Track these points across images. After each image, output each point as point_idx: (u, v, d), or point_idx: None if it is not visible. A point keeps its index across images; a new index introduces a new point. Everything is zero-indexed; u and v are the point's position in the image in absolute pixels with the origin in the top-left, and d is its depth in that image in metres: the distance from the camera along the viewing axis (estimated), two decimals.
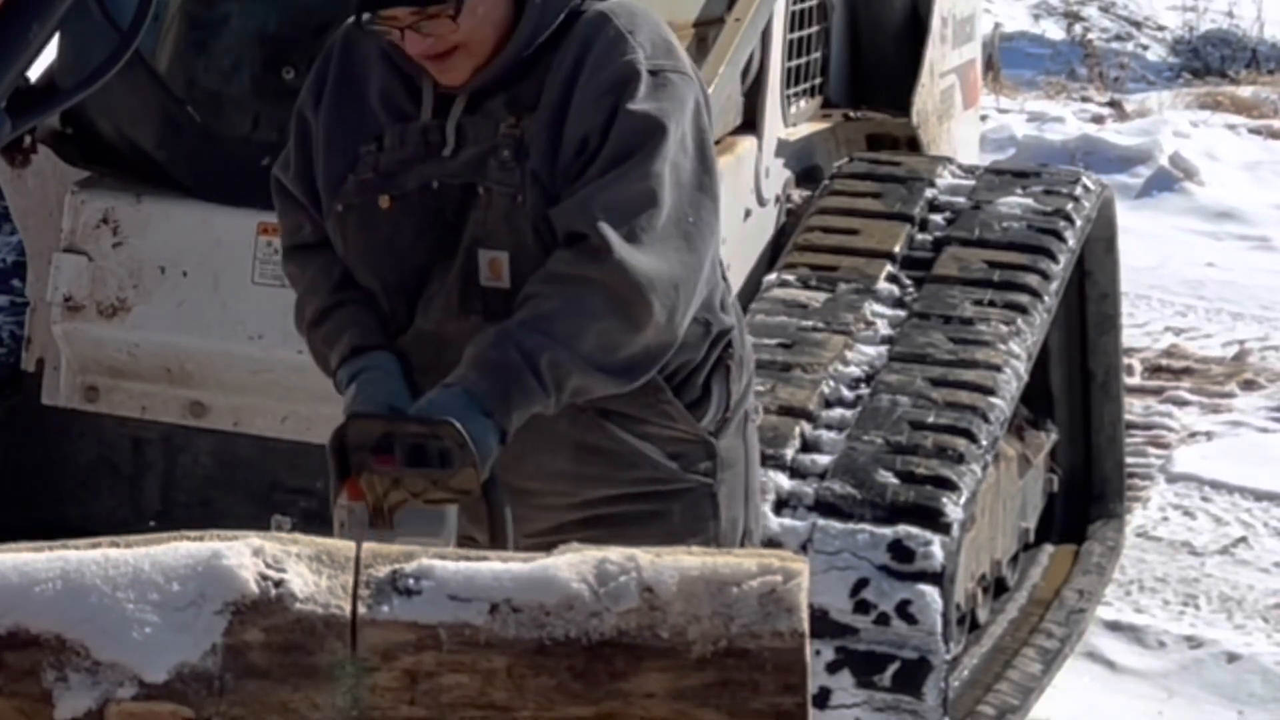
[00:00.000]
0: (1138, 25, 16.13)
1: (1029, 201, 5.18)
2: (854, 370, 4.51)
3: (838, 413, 4.37)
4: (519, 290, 2.87)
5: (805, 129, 5.38)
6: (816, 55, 5.47)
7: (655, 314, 2.81)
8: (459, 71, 2.90)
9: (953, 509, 4.08)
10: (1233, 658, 5.17)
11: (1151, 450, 6.68)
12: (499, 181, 2.89)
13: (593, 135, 2.84)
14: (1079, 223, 5.15)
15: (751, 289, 4.85)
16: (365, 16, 2.86)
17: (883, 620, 3.98)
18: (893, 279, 4.88)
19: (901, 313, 4.76)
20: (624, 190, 2.81)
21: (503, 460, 2.81)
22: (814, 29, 5.43)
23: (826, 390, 4.42)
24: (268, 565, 2.12)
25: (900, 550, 4.01)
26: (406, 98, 2.97)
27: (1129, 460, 6.00)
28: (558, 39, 2.90)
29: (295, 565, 2.13)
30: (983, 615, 5.10)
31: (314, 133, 3.03)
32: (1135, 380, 7.33)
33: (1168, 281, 8.81)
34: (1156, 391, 7.33)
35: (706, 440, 3.07)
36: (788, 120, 5.21)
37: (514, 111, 2.90)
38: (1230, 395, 7.35)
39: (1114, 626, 5.35)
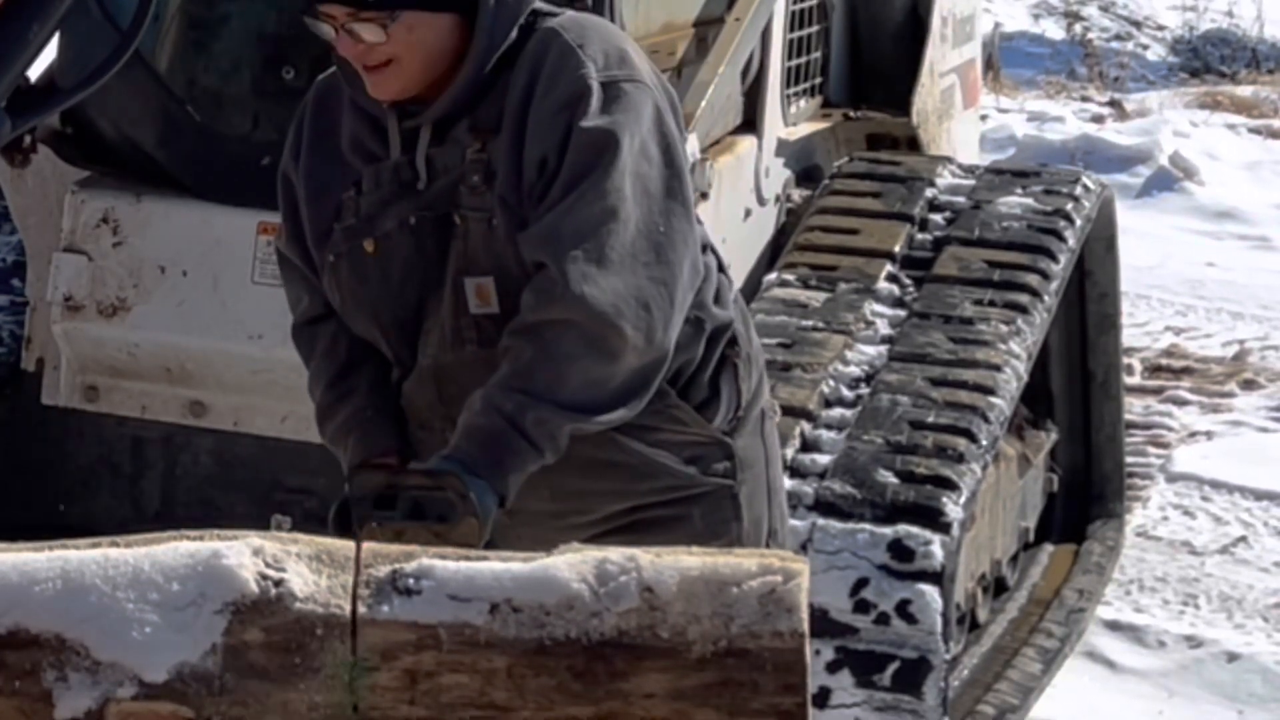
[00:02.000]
0: (1137, 25, 16.11)
1: (1029, 201, 5.18)
2: (854, 370, 4.51)
3: (838, 412, 4.37)
4: (509, 314, 2.86)
5: (805, 129, 5.38)
6: (816, 55, 5.48)
7: (630, 339, 2.79)
8: (387, 87, 2.89)
9: (953, 508, 4.08)
10: (1233, 657, 5.17)
11: (1151, 450, 6.67)
12: (472, 208, 2.88)
13: (550, 156, 2.83)
14: (1079, 222, 5.15)
15: (751, 288, 4.85)
16: (307, 7, 2.88)
17: (882, 620, 3.97)
18: (893, 279, 4.88)
19: (901, 312, 4.76)
20: (584, 212, 2.80)
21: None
22: (814, 29, 5.43)
23: (826, 390, 4.42)
24: (268, 565, 2.12)
25: (900, 550, 4.00)
26: (374, 139, 2.97)
27: (1129, 460, 6.00)
28: (512, 58, 2.89)
29: (295, 565, 2.13)
30: (982, 615, 5.10)
31: (298, 191, 3.04)
32: (1135, 380, 7.33)
33: (1168, 281, 8.80)
34: (1156, 391, 7.33)
35: (722, 441, 3.04)
36: (788, 120, 5.21)
37: (478, 136, 2.90)
38: (1230, 395, 7.35)
39: (1114, 626, 5.35)
